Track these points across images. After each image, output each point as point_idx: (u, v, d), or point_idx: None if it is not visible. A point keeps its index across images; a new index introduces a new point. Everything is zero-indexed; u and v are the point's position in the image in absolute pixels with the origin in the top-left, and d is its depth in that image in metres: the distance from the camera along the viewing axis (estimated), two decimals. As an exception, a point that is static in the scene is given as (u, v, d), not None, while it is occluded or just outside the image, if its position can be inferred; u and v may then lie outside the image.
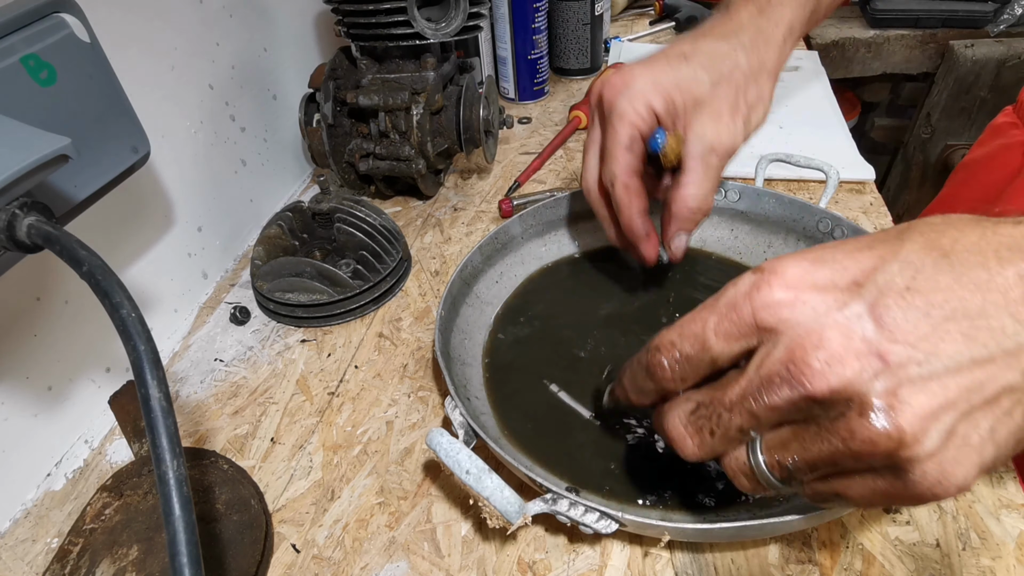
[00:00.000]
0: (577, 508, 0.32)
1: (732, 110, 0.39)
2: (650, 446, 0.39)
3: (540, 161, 0.70)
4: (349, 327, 0.54)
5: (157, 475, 0.23)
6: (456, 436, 0.35)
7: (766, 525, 0.31)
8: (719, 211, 0.55)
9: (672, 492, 0.37)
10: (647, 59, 0.40)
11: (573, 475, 0.39)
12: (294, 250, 0.57)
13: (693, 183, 0.39)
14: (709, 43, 0.40)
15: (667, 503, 0.37)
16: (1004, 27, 1.06)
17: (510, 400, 0.44)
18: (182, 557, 0.23)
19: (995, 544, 0.35)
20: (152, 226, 0.52)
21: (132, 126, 0.38)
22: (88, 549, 0.37)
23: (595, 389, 0.44)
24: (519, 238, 0.53)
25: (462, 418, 0.37)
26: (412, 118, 0.60)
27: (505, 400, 0.44)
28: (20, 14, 0.31)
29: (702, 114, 0.39)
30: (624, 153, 0.40)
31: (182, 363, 0.52)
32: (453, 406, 0.37)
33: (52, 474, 0.44)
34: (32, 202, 0.28)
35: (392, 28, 0.58)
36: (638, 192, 0.41)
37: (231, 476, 0.41)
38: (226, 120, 0.59)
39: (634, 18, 1.07)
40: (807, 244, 0.50)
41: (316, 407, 0.47)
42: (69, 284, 0.44)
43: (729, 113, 0.39)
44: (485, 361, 0.47)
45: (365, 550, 0.38)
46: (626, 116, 0.39)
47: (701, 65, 0.39)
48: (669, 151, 0.40)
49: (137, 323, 0.24)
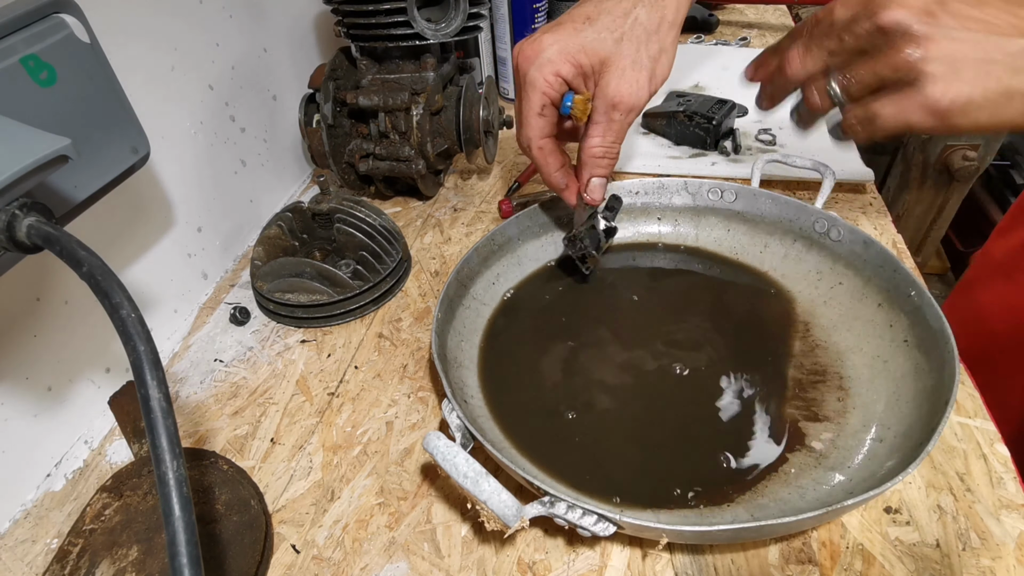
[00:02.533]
0: (575, 511, 0.32)
1: (634, 65, 0.42)
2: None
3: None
4: (349, 327, 0.54)
5: (157, 476, 0.23)
6: (453, 439, 0.35)
7: (764, 527, 0.31)
8: (715, 211, 0.55)
9: (671, 489, 0.37)
10: (556, 23, 0.44)
11: (571, 477, 0.39)
12: (294, 250, 0.57)
13: (596, 135, 0.44)
14: (611, 2, 0.43)
15: (663, 502, 0.37)
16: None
17: (506, 401, 0.44)
18: (182, 558, 0.23)
19: (995, 544, 0.35)
20: (152, 227, 0.52)
21: (132, 127, 0.38)
22: (88, 550, 0.37)
23: (596, 382, 0.44)
24: (516, 239, 0.53)
25: (459, 421, 0.37)
26: (412, 119, 0.60)
27: (502, 401, 0.44)
28: (20, 15, 0.31)
29: (607, 72, 0.42)
30: (536, 119, 0.44)
31: (182, 363, 0.52)
32: (450, 409, 0.37)
33: (52, 475, 0.44)
34: (32, 202, 0.28)
35: (392, 28, 0.58)
36: (552, 151, 0.46)
37: (231, 477, 0.41)
38: (226, 120, 0.59)
39: (634, 18, 1.07)
40: (803, 244, 0.51)
41: (316, 407, 0.47)
42: (69, 285, 0.44)
43: (632, 68, 0.42)
44: (481, 363, 0.47)
45: (365, 551, 0.38)
46: (537, 85, 0.43)
47: (604, 25, 0.42)
48: (578, 112, 0.44)
49: (137, 324, 0.24)
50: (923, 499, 0.37)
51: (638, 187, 0.56)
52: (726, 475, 0.38)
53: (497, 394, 0.44)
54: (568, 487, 0.38)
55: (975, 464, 0.39)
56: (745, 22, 1.02)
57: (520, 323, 0.50)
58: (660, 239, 0.56)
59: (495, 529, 0.32)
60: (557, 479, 0.39)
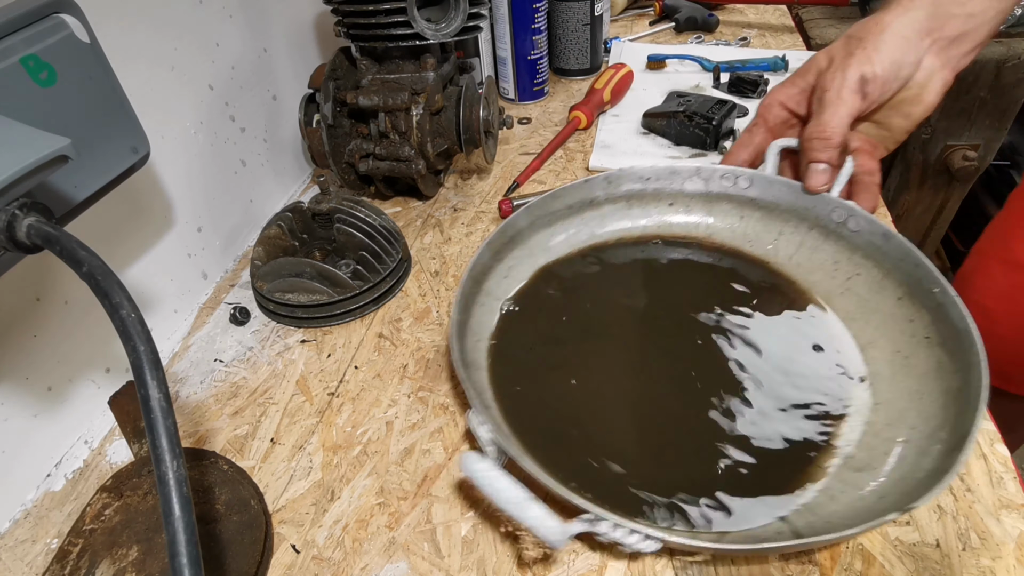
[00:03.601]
0: (620, 529, 0.31)
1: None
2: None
3: (539, 161, 0.70)
4: (349, 327, 0.54)
5: (157, 475, 0.23)
6: (483, 452, 0.34)
7: (812, 542, 0.30)
8: (728, 198, 0.54)
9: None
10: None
11: (591, 487, 0.37)
12: (294, 250, 0.57)
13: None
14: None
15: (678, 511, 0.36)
16: (1003, 28, 1.06)
17: (523, 407, 0.43)
18: (182, 558, 0.23)
19: (995, 544, 0.35)
20: (152, 226, 0.52)
21: (132, 126, 0.38)
22: (88, 550, 0.37)
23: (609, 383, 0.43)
24: (526, 231, 0.52)
25: (490, 435, 0.35)
26: (412, 119, 0.60)
27: (517, 407, 0.42)
28: (20, 15, 0.31)
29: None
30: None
31: (182, 364, 0.52)
32: (480, 422, 0.35)
33: (52, 475, 0.44)
34: (32, 202, 0.28)
35: (392, 28, 0.58)
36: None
37: (231, 477, 0.41)
38: (226, 120, 0.59)
39: (634, 18, 1.08)
40: (819, 233, 0.50)
41: (316, 407, 0.47)
42: (69, 285, 0.44)
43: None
44: (491, 363, 0.45)
45: (365, 551, 0.38)
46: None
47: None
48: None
49: (137, 324, 0.24)
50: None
51: (649, 173, 0.54)
52: (750, 480, 0.37)
53: (511, 398, 0.43)
54: (599, 504, 0.34)
55: (975, 464, 0.39)
56: (745, 22, 1.03)
57: (531, 320, 0.49)
58: (669, 229, 0.55)
59: (538, 555, 0.31)
60: (591, 499, 0.35)
